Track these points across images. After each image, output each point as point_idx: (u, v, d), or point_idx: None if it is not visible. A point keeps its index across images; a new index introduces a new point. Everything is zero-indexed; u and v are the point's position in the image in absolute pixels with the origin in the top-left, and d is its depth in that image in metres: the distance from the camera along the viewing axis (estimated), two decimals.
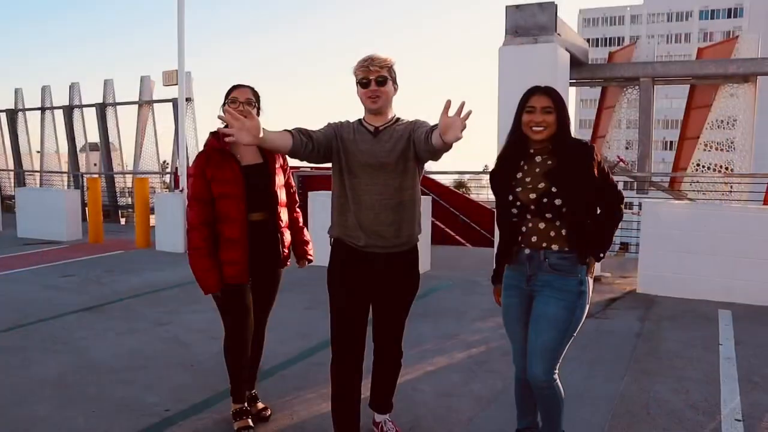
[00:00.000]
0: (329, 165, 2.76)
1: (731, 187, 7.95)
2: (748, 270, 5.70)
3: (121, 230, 12.33)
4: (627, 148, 9.63)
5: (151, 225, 9.97)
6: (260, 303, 3.17)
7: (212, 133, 2.98)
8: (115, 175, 15.11)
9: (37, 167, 16.48)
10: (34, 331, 5.13)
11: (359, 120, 2.77)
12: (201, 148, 3.04)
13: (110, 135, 15.39)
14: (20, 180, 15.65)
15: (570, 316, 2.48)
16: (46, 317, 5.54)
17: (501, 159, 2.65)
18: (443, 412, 3.39)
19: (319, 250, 3.59)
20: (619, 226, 2.67)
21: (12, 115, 17.20)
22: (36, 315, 5.60)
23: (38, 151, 17.01)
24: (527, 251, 2.55)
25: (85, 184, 12.00)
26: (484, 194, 12.39)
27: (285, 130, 2.53)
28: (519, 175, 2.56)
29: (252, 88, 3.00)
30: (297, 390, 3.73)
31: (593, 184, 2.48)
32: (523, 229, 2.55)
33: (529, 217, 2.52)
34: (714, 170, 8.04)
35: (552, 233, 2.49)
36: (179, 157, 9.40)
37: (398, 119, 2.75)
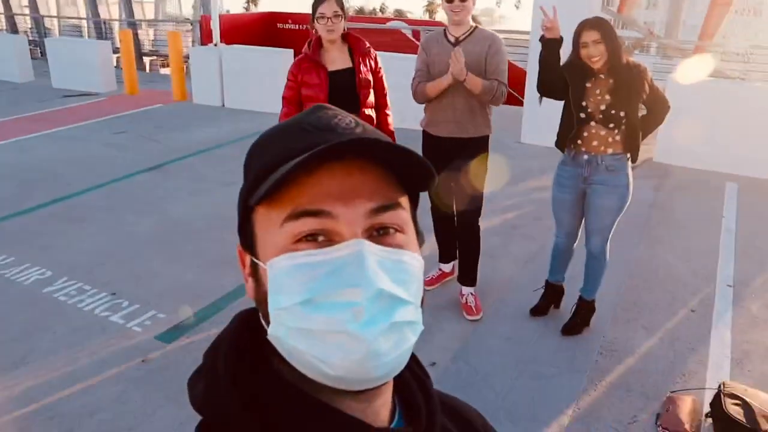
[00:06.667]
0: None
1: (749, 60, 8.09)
2: (760, 145, 6.16)
3: (150, 79, 12.56)
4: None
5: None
6: None
7: (308, 44, 3.36)
8: (137, 26, 14.95)
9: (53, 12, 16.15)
10: (114, 191, 5.75)
11: (444, 31, 3.37)
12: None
13: None
14: (38, 24, 15.44)
15: (621, 203, 3.17)
16: (118, 177, 6.12)
17: (572, 67, 3.10)
18: (489, 272, 4.12)
19: None
20: None
21: None
22: (108, 174, 6.14)
23: None
24: (586, 156, 3.12)
25: (114, 35, 12.03)
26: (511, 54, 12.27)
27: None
28: (588, 85, 3.07)
29: None
30: None
31: (645, 98, 3.05)
32: (585, 134, 3.11)
33: (593, 124, 3.07)
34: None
35: (610, 139, 3.08)
36: (213, 10, 9.45)
37: (476, 27, 3.32)
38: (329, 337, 0.54)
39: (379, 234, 0.58)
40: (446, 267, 3.95)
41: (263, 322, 0.61)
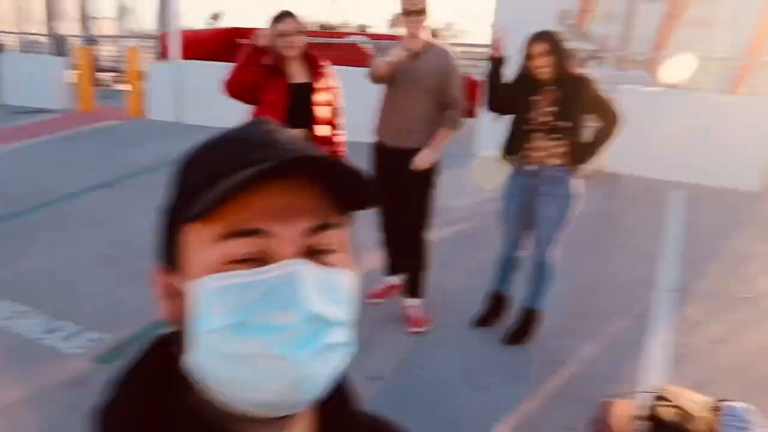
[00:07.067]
0: None
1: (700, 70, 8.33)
2: (705, 154, 6.36)
3: (107, 95, 12.37)
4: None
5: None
6: None
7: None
8: (97, 42, 14.75)
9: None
10: (67, 209, 5.62)
11: (400, 44, 3.39)
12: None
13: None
14: None
15: (566, 214, 3.22)
16: (73, 193, 6.00)
17: (520, 80, 3.18)
18: (438, 282, 4.12)
19: None
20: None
21: None
22: (61, 191, 6.00)
23: None
24: (531, 167, 3.19)
25: (74, 51, 11.84)
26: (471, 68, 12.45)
27: None
28: (535, 96, 3.13)
29: (292, 15, 3.25)
30: None
31: (590, 108, 3.13)
32: (531, 144, 3.17)
33: (538, 135, 3.14)
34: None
35: (555, 150, 3.14)
36: (171, 25, 9.38)
37: (429, 42, 3.36)
38: (260, 361, 0.52)
39: (315, 253, 0.55)
40: (393, 280, 3.96)
41: (179, 348, 0.57)
